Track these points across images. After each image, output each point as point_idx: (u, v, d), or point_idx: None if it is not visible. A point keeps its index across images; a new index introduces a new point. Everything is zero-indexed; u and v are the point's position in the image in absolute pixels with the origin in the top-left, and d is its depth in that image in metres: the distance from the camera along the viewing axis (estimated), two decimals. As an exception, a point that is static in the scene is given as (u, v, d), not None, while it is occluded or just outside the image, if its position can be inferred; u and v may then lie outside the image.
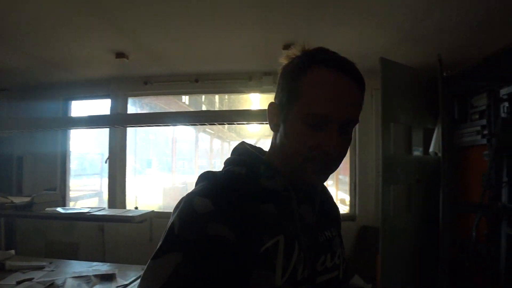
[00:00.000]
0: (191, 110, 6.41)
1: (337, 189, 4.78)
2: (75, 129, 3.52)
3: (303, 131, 0.68)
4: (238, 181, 0.72)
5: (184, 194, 0.69)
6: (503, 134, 2.35)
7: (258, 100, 4.30)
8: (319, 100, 0.67)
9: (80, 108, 4.33)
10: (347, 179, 3.92)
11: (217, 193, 0.67)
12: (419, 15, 2.38)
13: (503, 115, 2.42)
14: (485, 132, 2.49)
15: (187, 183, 7.86)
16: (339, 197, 4.56)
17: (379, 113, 2.39)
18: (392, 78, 2.35)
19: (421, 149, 2.70)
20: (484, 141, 2.51)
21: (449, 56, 2.70)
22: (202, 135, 7.18)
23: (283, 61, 0.75)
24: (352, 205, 3.81)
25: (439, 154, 2.46)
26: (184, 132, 7.56)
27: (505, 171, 2.40)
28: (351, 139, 0.73)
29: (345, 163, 3.96)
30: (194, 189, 0.71)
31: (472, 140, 2.62)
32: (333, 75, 0.67)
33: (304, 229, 0.74)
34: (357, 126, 3.22)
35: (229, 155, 0.82)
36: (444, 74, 2.44)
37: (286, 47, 2.88)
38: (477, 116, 2.50)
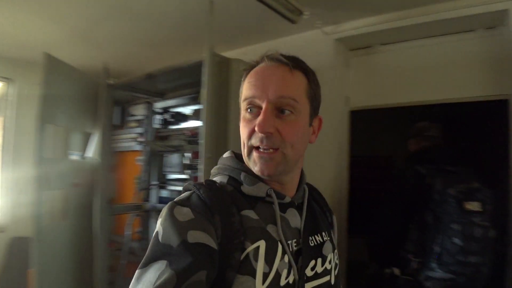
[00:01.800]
0: None
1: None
2: None
3: (244, 122, 0.72)
4: (220, 190, 0.72)
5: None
6: (154, 143, 2.67)
7: None
8: (248, 88, 0.72)
9: None
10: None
11: (197, 202, 0.67)
12: (93, 20, 2.34)
13: (156, 125, 2.75)
14: (140, 139, 2.74)
15: None
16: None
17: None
18: (56, 76, 2.19)
19: (79, 153, 2.64)
20: (139, 147, 2.76)
21: (118, 64, 2.81)
22: None
23: None
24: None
25: (97, 158, 2.49)
26: None
27: (154, 175, 2.73)
28: (297, 120, 0.71)
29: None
30: (177, 198, 0.70)
31: (129, 145, 2.83)
32: (260, 66, 0.73)
33: (291, 234, 0.74)
34: (11, 125, 2.66)
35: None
36: (110, 81, 2.50)
37: None
38: (134, 124, 2.72)
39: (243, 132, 0.73)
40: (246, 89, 0.73)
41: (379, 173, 3.23)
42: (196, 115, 2.69)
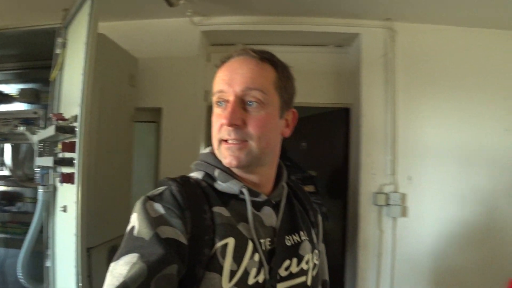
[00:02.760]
0: None
1: None
2: None
3: (215, 117, 0.74)
4: (193, 186, 0.71)
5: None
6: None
7: None
8: (217, 82, 0.73)
9: None
10: None
11: (169, 198, 0.67)
12: None
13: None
14: None
15: None
16: None
17: None
18: None
19: None
20: None
21: None
22: None
23: None
24: None
25: None
26: None
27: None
28: (265, 113, 0.71)
29: None
30: (150, 192, 0.70)
31: None
32: (230, 61, 0.73)
33: (265, 232, 0.72)
34: None
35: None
36: None
37: None
38: None
39: (214, 126, 0.73)
40: (215, 84, 0.74)
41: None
42: (24, 97, 2.17)
